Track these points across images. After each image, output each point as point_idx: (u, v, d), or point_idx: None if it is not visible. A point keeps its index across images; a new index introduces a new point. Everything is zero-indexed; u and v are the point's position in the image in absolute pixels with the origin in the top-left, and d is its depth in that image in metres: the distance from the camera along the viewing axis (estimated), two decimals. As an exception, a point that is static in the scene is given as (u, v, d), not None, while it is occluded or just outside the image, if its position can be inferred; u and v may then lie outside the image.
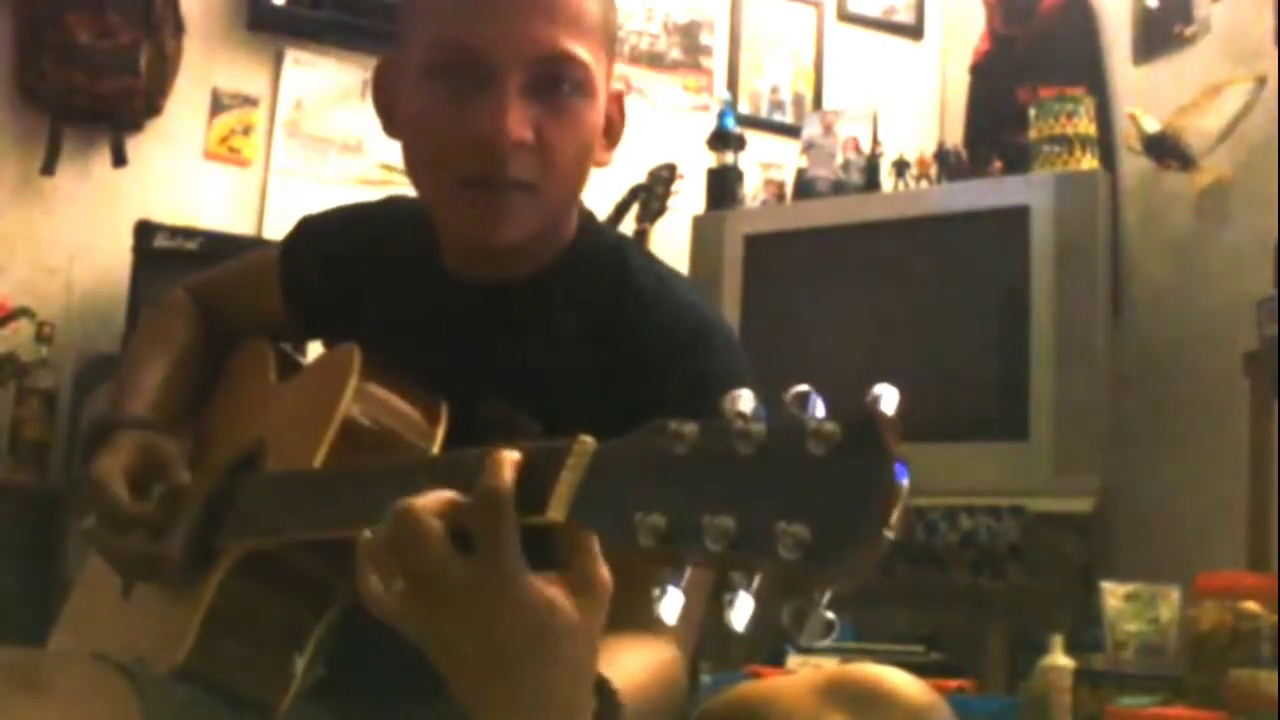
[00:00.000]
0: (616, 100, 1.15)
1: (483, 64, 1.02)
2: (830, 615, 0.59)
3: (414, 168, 1.11)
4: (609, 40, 1.10)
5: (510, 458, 0.74)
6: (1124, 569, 2.82)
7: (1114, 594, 2.53)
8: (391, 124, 1.13)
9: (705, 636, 1.09)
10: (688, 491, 0.62)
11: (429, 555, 0.73)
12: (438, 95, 1.05)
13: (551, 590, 0.73)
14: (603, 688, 0.79)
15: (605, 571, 0.75)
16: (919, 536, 2.88)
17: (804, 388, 0.61)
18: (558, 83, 1.04)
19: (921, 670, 0.92)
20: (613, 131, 1.15)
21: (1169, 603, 2.50)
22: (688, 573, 0.64)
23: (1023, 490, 2.83)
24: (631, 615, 0.93)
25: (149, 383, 1.27)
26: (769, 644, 2.94)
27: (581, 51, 1.04)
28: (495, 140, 1.01)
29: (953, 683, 2.52)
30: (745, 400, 0.63)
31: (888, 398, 0.60)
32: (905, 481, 0.58)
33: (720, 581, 0.62)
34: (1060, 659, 2.41)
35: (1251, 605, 2.28)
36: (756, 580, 0.60)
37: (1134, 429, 3.15)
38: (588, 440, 0.72)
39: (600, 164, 1.13)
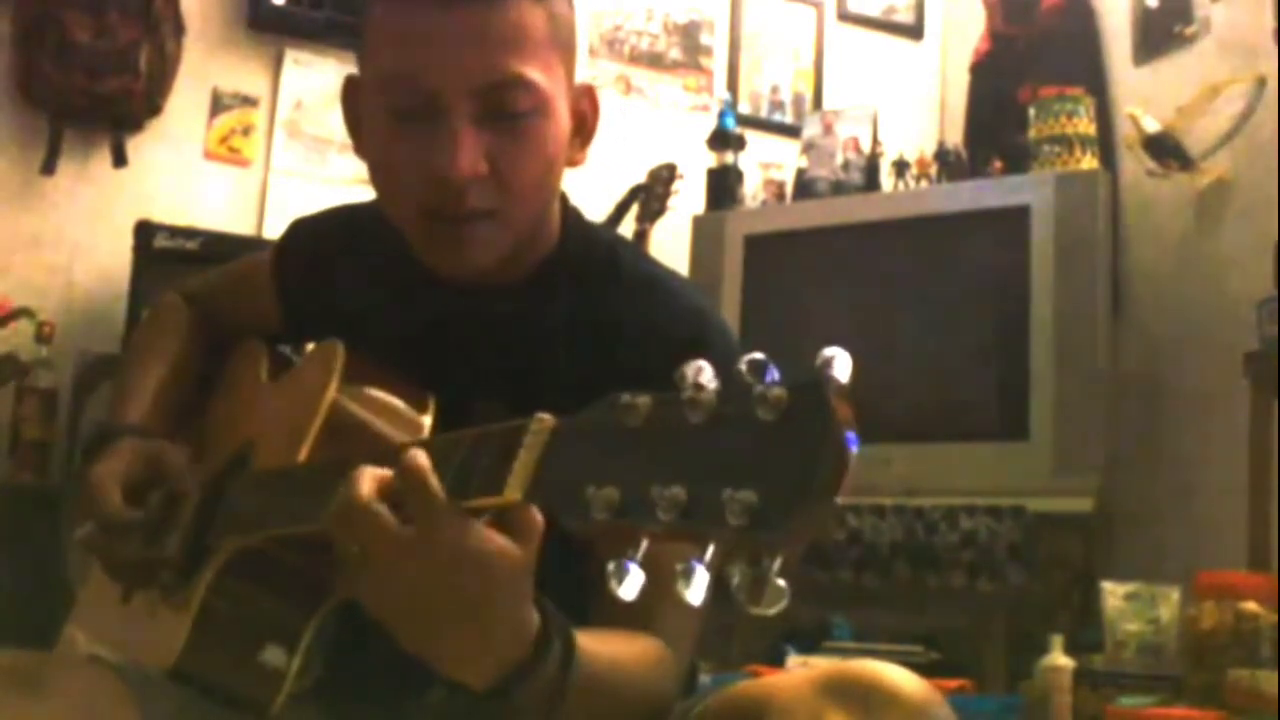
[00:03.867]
0: (586, 94, 1.13)
1: (429, 97, 1.01)
2: (782, 583, 0.59)
3: (379, 196, 1.11)
4: (564, 43, 1.07)
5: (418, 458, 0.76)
6: (1124, 569, 2.81)
7: (1114, 594, 2.53)
8: (359, 146, 1.13)
9: (704, 636, 1.09)
10: (640, 463, 0.62)
11: (373, 532, 0.76)
12: (391, 129, 1.04)
13: (490, 540, 0.76)
14: (554, 622, 0.81)
15: (538, 514, 0.77)
16: (919, 537, 2.88)
17: (759, 356, 0.61)
18: (509, 106, 1.02)
19: (921, 670, 0.92)
20: (585, 129, 1.13)
21: (1169, 603, 2.49)
22: (644, 546, 0.63)
23: (1023, 490, 2.83)
24: (635, 614, 0.95)
25: (146, 390, 1.27)
26: (768, 643, 2.94)
27: (530, 71, 1.02)
28: (447, 176, 1.00)
29: (953, 683, 2.51)
30: (704, 372, 0.62)
31: (839, 362, 0.59)
32: (854, 448, 0.57)
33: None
34: (1060, 659, 2.40)
35: (1251, 605, 2.28)
36: (710, 550, 0.60)
37: (1134, 429, 3.15)
38: (545, 418, 0.72)
39: (574, 164, 1.12)
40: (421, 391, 1.06)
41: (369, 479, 0.77)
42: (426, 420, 1.03)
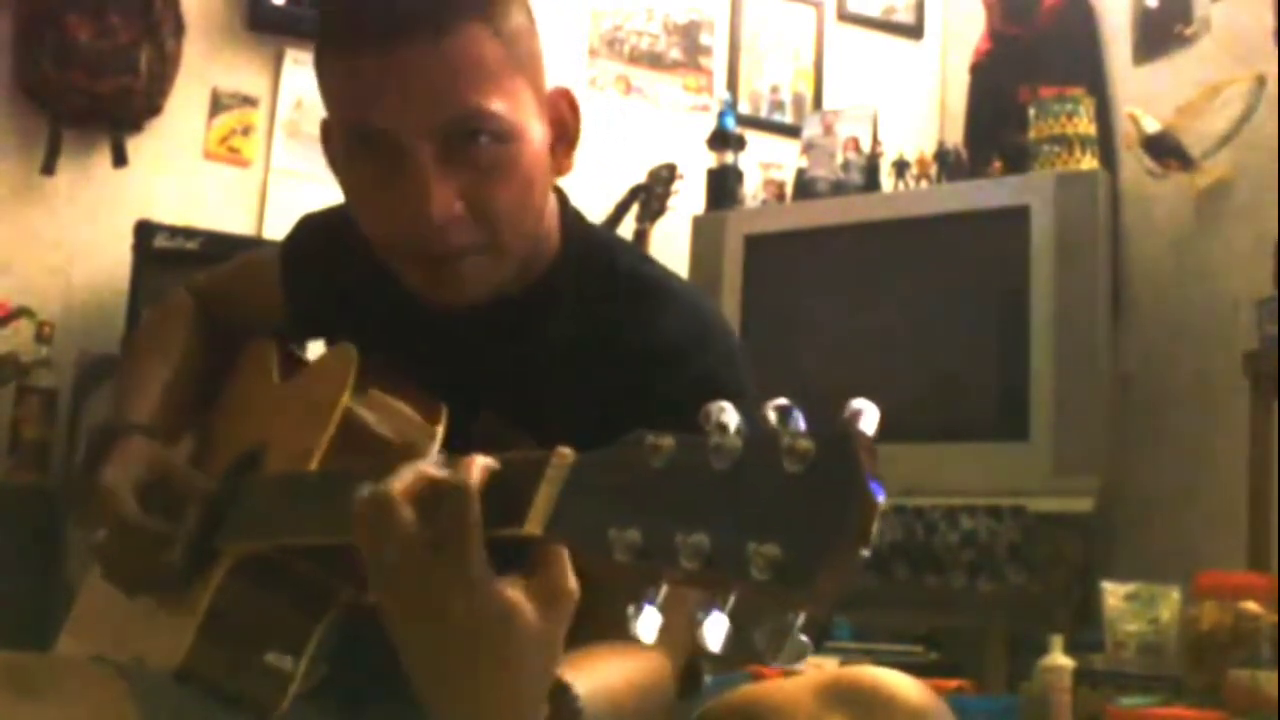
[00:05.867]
0: (564, 99, 1.10)
1: (393, 142, 0.98)
2: (804, 639, 0.58)
3: (368, 238, 1.09)
4: (524, 61, 1.03)
5: (481, 462, 0.73)
6: (1124, 569, 2.82)
7: (1114, 594, 2.53)
8: (341, 187, 1.10)
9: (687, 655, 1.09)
10: (664, 507, 0.61)
11: (395, 541, 0.73)
12: (363, 176, 1.03)
13: (514, 596, 0.72)
14: (563, 693, 0.78)
15: (573, 582, 0.74)
16: (919, 537, 2.88)
17: (784, 401, 0.60)
18: (474, 139, 0.99)
19: (921, 670, 0.92)
20: (567, 135, 1.10)
21: (1169, 603, 2.49)
22: (664, 590, 0.63)
23: (1023, 490, 2.83)
24: (620, 626, 0.94)
25: (151, 386, 1.26)
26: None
27: (491, 101, 0.98)
28: (423, 224, 0.98)
29: (953, 683, 2.51)
30: (727, 412, 0.62)
31: (867, 415, 0.59)
32: (881, 499, 0.57)
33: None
34: (1060, 659, 2.40)
35: (1251, 605, 2.28)
36: (732, 599, 0.59)
37: (1134, 429, 3.15)
38: (566, 453, 0.71)
39: (561, 172, 1.10)
40: (433, 400, 1.05)
41: (408, 476, 0.74)
42: (439, 430, 1.02)
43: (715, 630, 0.59)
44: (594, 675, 0.83)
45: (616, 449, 0.66)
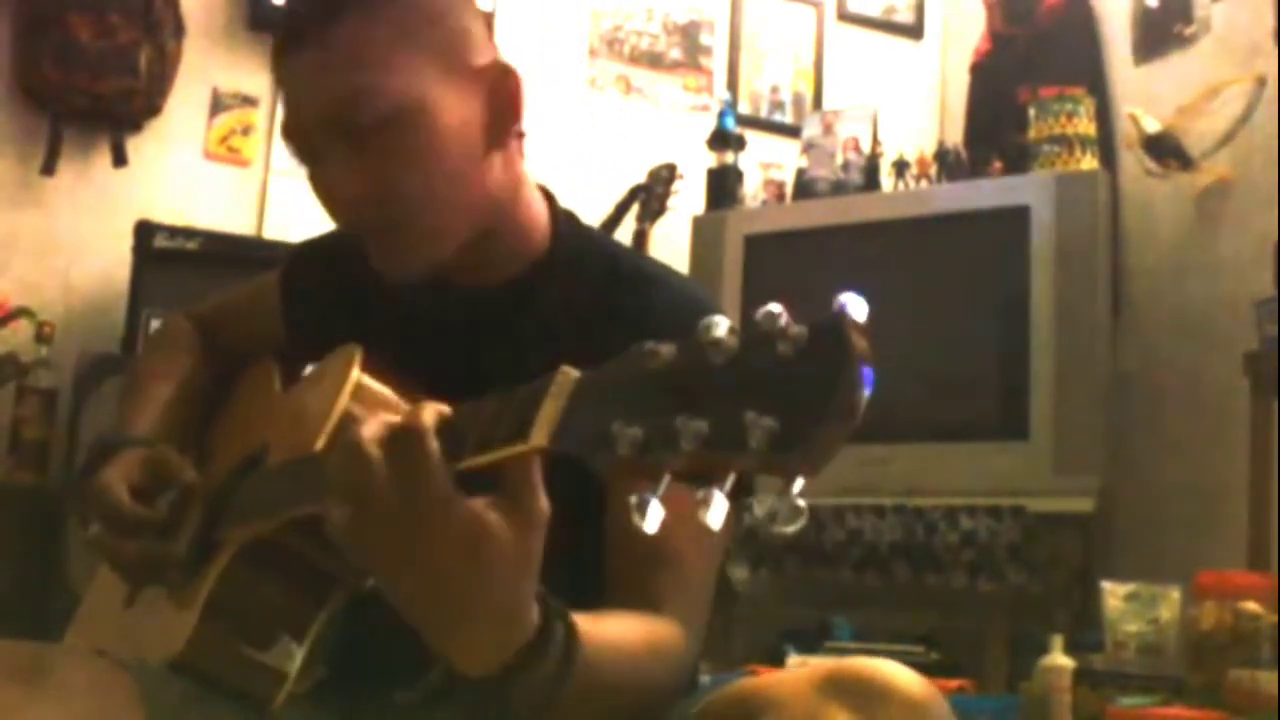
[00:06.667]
0: (498, 73, 1.09)
1: (299, 135, 1.07)
2: (800, 502, 0.61)
3: None
4: (425, 39, 1.05)
5: (433, 406, 0.77)
6: (1124, 569, 2.82)
7: (1114, 594, 2.53)
8: None
9: (704, 636, 1.09)
10: (664, 402, 0.64)
11: (365, 479, 0.76)
12: (306, 171, 1.10)
13: (487, 517, 0.75)
14: (555, 611, 0.81)
15: (544, 501, 0.77)
16: (919, 537, 2.88)
17: (775, 307, 0.64)
18: (359, 121, 1.03)
19: (921, 670, 0.92)
20: (504, 111, 1.09)
21: (1169, 603, 2.49)
22: (665, 480, 0.65)
23: (1023, 490, 2.83)
24: (645, 595, 0.97)
25: (151, 405, 1.28)
26: (768, 643, 2.94)
27: (373, 80, 1.02)
28: (330, 206, 1.07)
29: (953, 683, 2.51)
30: (720, 324, 0.64)
31: (854, 304, 0.63)
32: (870, 381, 0.60)
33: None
34: (1060, 659, 2.41)
35: (1251, 605, 2.28)
36: (730, 479, 0.62)
37: (1134, 429, 3.15)
38: (569, 371, 0.73)
39: (502, 147, 1.10)
40: (433, 392, 1.06)
41: (377, 423, 0.78)
42: None
43: (715, 509, 0.63)
44: (599, 622, 0.86)
45: (619, 360, 0.69)
